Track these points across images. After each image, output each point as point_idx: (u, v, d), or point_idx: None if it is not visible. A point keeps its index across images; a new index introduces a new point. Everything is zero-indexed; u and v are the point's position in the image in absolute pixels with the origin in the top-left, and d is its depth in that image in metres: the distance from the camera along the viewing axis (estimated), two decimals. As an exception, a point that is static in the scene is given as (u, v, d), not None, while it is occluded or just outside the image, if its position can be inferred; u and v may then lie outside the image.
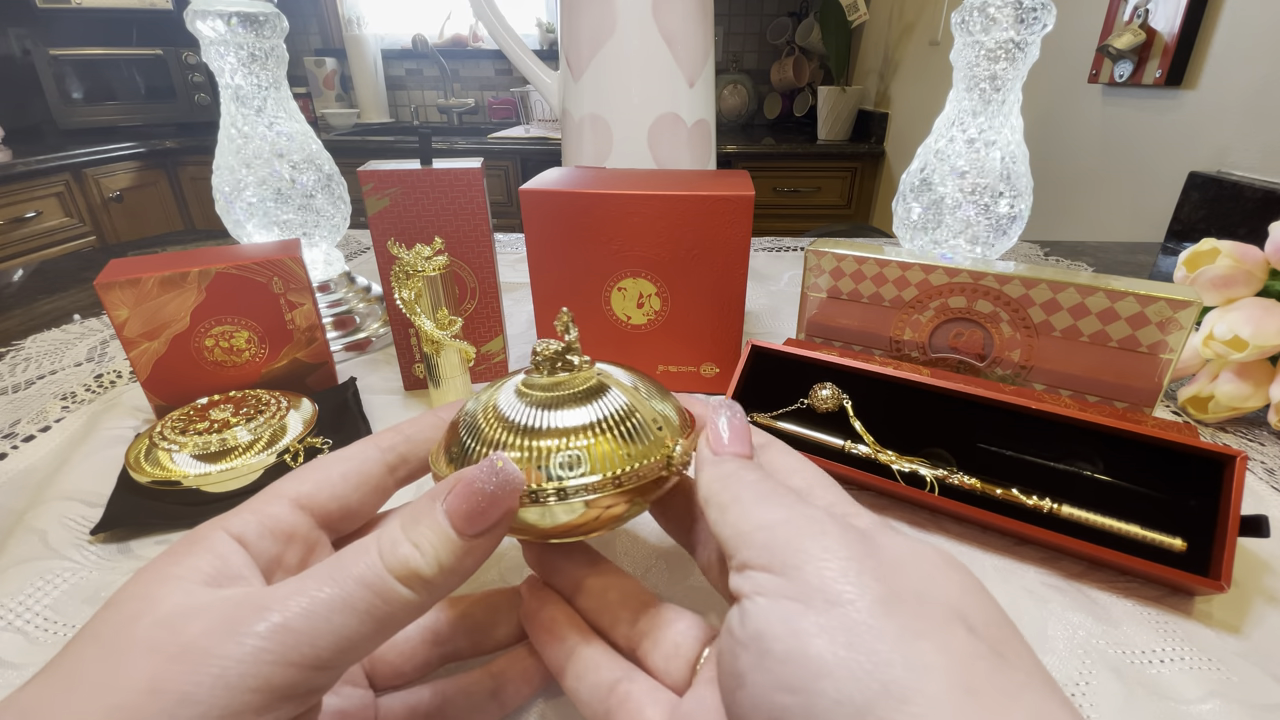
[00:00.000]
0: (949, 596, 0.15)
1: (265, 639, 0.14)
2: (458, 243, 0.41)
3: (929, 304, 0.39)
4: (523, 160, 1.86)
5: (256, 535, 0.18)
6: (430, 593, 0.16)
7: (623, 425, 0.20)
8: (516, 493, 0.18)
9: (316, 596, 0.15)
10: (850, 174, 1.88)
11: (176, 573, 0.16)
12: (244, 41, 0.44)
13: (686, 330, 0.43)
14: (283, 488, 0.19)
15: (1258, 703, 0.23)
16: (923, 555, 0.16)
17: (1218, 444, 0.29)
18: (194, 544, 0.17)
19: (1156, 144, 0.93)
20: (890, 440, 0.33)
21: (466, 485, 0.17)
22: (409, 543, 0.16)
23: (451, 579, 0.17)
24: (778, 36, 2.12)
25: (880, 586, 0.14)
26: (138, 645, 0.14)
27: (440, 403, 0.41)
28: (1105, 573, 0.29)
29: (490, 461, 0.17)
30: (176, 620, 0.14)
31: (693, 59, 0.61)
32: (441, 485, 0.18)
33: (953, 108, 0.47)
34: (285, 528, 0.19)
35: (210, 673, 0.13)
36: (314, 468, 0.20)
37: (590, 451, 0.19)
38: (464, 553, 0.17)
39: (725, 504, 0.18)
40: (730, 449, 0.20)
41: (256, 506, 0.19)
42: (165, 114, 1.96)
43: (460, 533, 0.17)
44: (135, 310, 0.36)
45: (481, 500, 0.17)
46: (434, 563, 0.16)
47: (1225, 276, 0.40)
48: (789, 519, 0.16)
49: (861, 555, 0.15)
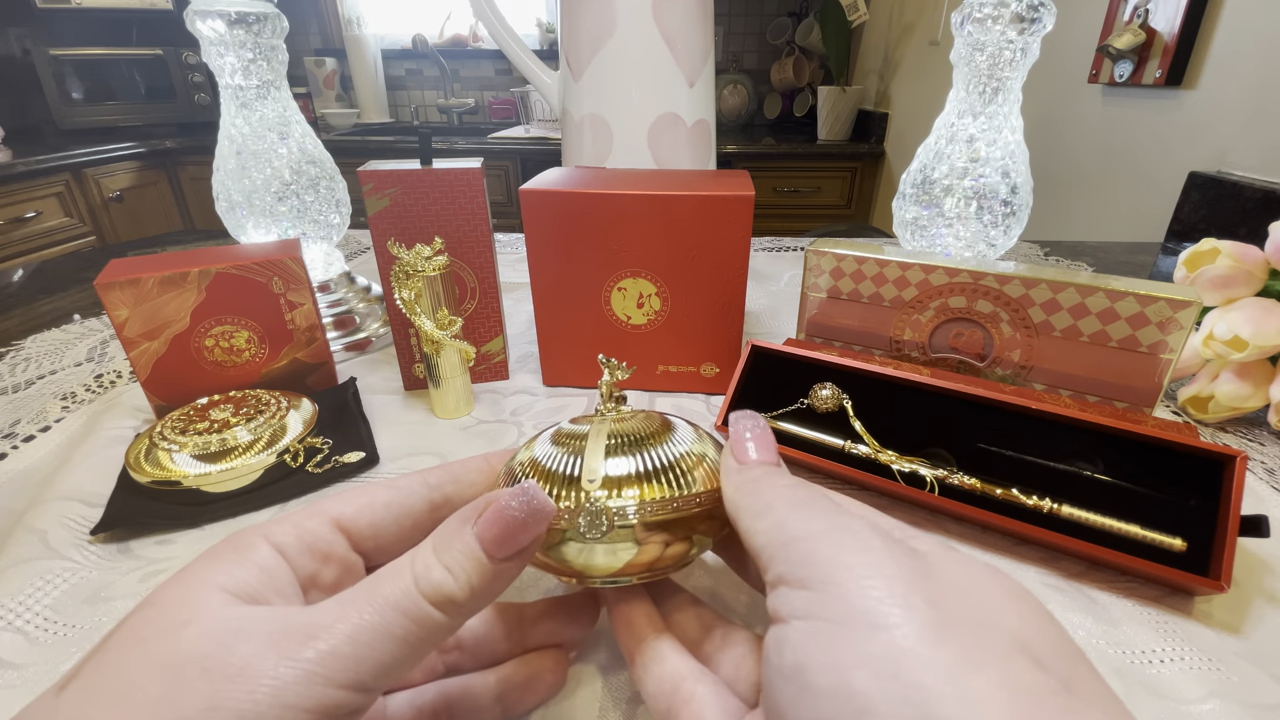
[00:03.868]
0: (1011, 625, 0.13)
1: (315, 663, 0.14)
2: (458, 243, 0.41)
3: (929, 304, 0.39)
4: (523, 160, 1.86)
5: (296, 550, 0.18)
6: (460, 615, 0.17)
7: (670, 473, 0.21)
8: (547, 517, 0.18)
9: (360, 624, 0.15)
10: (850, 174, 1.88)
11: (221, 581, 0.16)
12: (244, 41, 0.44)
13: (686, 330, 0.43)
14: (326, 506, 0.19)
15: (1258, 703, 0.23)
16: (983, 578, 0.15)
17: (1218, 444, 0.29)
18: (239, 552, 0.17)
19: (1156, 144, 0.93)
20: (890, 440, 0.33)
21: (498, 510, 0.17)
22: (442, 566, 0.16)
23: (480, 602, 0.17)
24: (778, 36, 2.12)
25: (931, 611, 0.13)
26: (190, 660, 0.14)
27: (440, 403, 0.41)
28: (1105, 573, 0.29)
29: (521, 487, 0.18)
30: (228, 636, 0.14)
31: (693, 59, 0.61)
32: (471, 508, 0.18)
33: (953, 108, 0.47)
34: (324, 546, 0.19)
35: (266, 692, 0.14)
36: (360, 492, 0.20)
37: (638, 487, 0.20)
38: (494, 576, 0.17)
39: (757, 511, 0.17)
40: (754, 457, 0.19)
41: (298, 520, 0.19)
42: (165, 114, 1.95)
43: (491, 556, 0.17)
44: (135, 310, 0.36)
45: (512, 524, 0.17)
46: (465, 586, 0.16)
47: (1225, 276, 0.40)
48: (827, 530, 0.15)
49: (911, 574, 0.14)
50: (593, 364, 0.44)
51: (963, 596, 0.14)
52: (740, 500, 0.18)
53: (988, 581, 0.15)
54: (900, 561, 0.14)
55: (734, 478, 0.19)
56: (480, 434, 0.40)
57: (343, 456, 0.36)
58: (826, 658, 0.13)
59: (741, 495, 0.18)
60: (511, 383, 0.46)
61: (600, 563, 0.20)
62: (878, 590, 0.13)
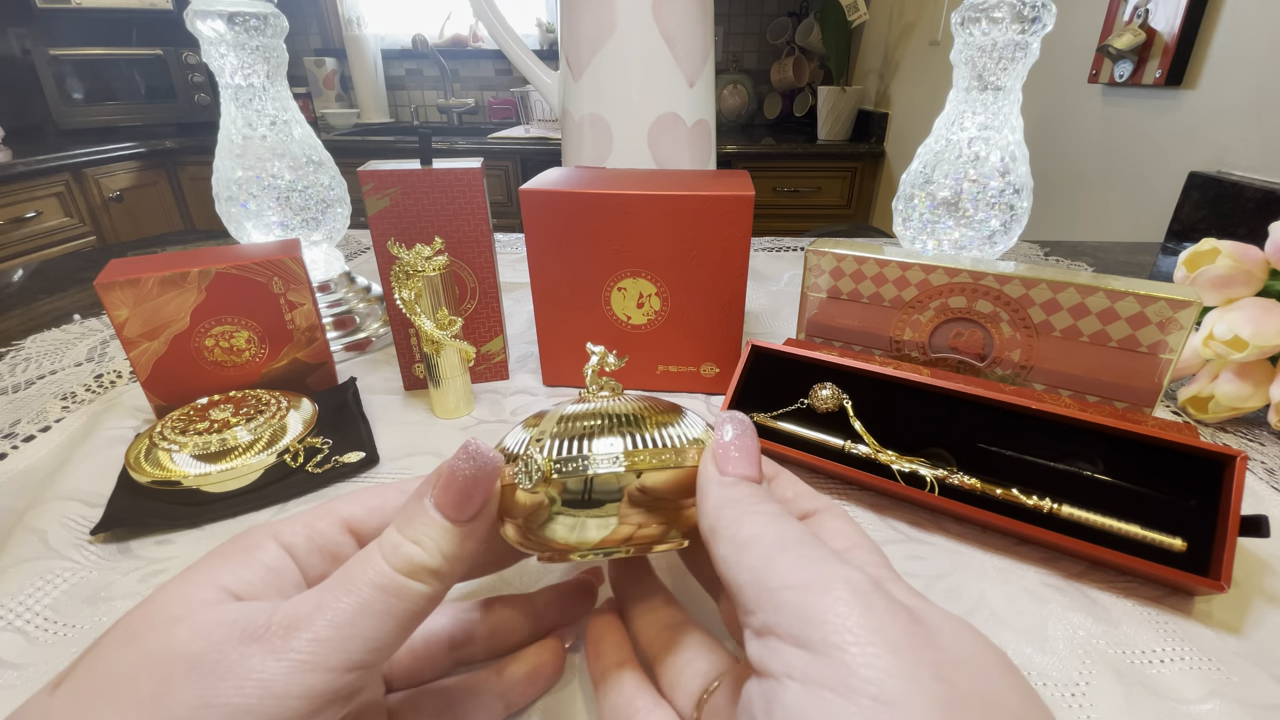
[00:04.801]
0: (1011, 702, 0.13)
1: (299, 652, 0.14)
2: (458, 243, 0.41)
3: (929, 304, 0.39)
4: (523, 160, 1.86)
5: (305, 551, 0.18)
6: (442, 580, 0.17)
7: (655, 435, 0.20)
8: (496, 471, 0.18)
9: (338, 607, 0.15)
10: (850, 174, 1.88)
11: (223, 581, 0.16)
12: (244, 41, 0.44)
13: (686, 330, 0.43)
14: (336, 507, 0.20)
15: (1258, 703, 0.23)
16: (979, 648, 0.14)
17: (1218, 444, 0.29)
18: (246, 552, 0.17)
19: (1156, 144, 0.93)
20: (890, 440, 0.33)
21: (449, 476, 0.18)
22: (409, 542, 0.17)
23: (458, 565, 0.18)
24: (778, 36, 2.12)
25: (940, 688, 0.13)
26: (181, 658, 0.14)
27: (440, 403, 0.41)
28: (1105, 573, 0.29)
29: (464, 447, 0.18)
30: (216, 634, 0.15)
31: (693, 59, 0.61)
32: (424, 482, 0.18)
33: (953, 108, 0.47)
34: (333, 548, 0.19)
35: (255, 685, 0.14)
36: (370, 494, 0.20)
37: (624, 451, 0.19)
38: (463, 536, 0.18)
39: (743, 542, 0.16)
40: (737, 470, 0.18)
41: (309, 521, 0.19)
42: (165, 114, 1.95)
43: (454, 520, 0.18)
44: (135, 310, 0.36)
45: (465, 484, 0.18)
46: (437, 553, 0.17)
47: (1225, 276, 0.40)
48: (822, 582, 0.14)
49: (917, 644, 0.13)
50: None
51: (966, 670, 0.13)
52: (719, 522, 0.17)
53: (982, 650, 0.14)
54: (904, 627, 0.14)
55: (714, 491, 0.18)
56: (480, 434, 0.40)
57: (343, 456, 0.36)
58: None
59: (721, 517, 0.17)
60: (511, 383, 0.46)
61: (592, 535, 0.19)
62: (884, 662, 0.13)
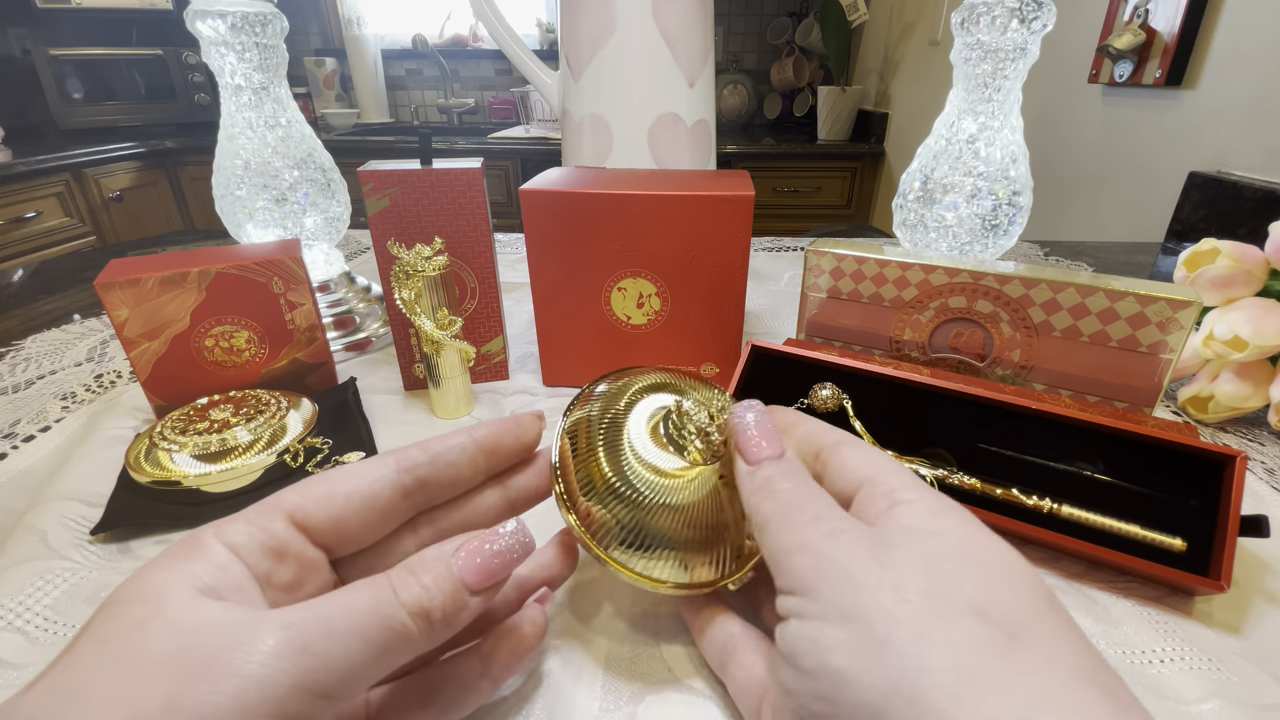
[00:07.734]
0: (965, 591, 0.16)
1: (284, 659, 0.14)
2: (458, 243, 0.41)
3: (929, 304, 0.39)
4: (523, 160, 1.86)
5: (249, 550, 0.18)
6: (428, 635, 0.17)
7: None
8: (528, 554, 0.19)
9: (333, 622, 0.15)
10: (850, 174, 1.88)
11: (178, 578, 0.16)
12: (244, 41, 0.44)
13: (686, 330, 0.43)
14: (282, 500, 0.19)
15: (1258, 703, 0.23)
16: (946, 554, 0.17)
17: (1218, 444, 0.29)
18: (192, 551, 0.17)
19: (1156, 144, 0.93)
20: (890, 440, 0.33)
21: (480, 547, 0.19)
22: (419, 584, 0.17)
23: (447, 630, 0.18)
24: (778, 36, 2.12)
25: (892, 598, 0.16)
26: (152, 657, 0.14)
27: (440, 403, 0.41)
28: (1105, 573, 0.29)
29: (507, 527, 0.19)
30: (189, 632, 0.14)
31: (693, 59, 0.61)
32: (451, 542, 0.19)
33: (953, 108, 0.47)
34: (278, 545, 0.18)
35: (229, 693, 0.13)
36: (320, 481, 0.20)
37: None
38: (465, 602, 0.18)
39: (760, 524, 0.19)
40: (763, 454, 0.21)
41: (252, 518, 0.18)
42: (165, 114, 1.95)
43: (470, 588, 0.18)
44: (135, 310, 0.36)
45: (494, 559, 0.19)
46: (439, 606, 0.17)
47: (1225, 276, 0.40)
48: (807, 543, 0.18)
49: (878, 570, 0.16)
50: (593, 364, 0.44)
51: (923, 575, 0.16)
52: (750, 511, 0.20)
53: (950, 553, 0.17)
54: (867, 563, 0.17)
55: (745, 484, 0.20)
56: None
57: (343, 456, 0.36)
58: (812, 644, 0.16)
59: (751, 505, 0.20)
60: (511, 383, 0.46)
61: None
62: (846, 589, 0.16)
